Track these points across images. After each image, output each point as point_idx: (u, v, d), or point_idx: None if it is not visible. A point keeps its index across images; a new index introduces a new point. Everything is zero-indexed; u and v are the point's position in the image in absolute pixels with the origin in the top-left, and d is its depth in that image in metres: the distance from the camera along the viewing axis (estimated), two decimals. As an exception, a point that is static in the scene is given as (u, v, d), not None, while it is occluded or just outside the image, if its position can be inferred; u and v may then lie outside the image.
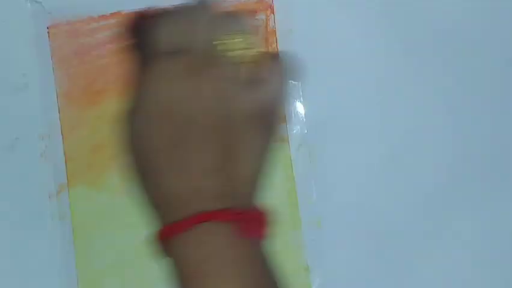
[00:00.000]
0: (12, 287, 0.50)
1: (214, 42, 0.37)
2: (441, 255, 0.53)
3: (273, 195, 0.51)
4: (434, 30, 0.54)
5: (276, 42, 0.52)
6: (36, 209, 0.50)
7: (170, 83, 0.36)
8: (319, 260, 0.52)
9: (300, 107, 0.52)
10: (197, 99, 0.36)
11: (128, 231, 0.51)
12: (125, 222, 0.51)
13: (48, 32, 0.51)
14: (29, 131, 0.51)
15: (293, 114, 0.52)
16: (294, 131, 0.52)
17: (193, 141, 0.35)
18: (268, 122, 0.38)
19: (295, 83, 0.40)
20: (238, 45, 0.38)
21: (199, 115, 0.36)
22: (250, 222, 0.36)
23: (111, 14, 0.51)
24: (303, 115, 0.52)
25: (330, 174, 0.53)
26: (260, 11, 0.52)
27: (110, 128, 0.51)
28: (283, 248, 0.51)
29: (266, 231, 0.37)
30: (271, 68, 0.39)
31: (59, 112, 0.51)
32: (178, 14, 0.38)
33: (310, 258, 0.52)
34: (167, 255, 0.36)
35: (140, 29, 0.40)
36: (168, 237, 0.36)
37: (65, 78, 0.51)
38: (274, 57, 0.40)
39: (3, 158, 0.50)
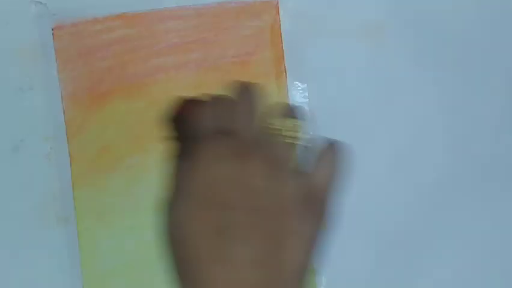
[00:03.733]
0: (17, 288, 0.50)
1: (263, 125, 0.36)
2: (447, 257, 0.53)
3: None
4: (436, 32, 0.54)
5: (282, 44, 0.52)
6: (40, 211, 0.50)
7: (217, 164, 0.34)
8: (325, 261, 0.52)
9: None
10: (244, 182, 0.34)
11: (133, 232, 0.51)
12: (130, 223, 0.51)
13: (52, 34, 0.51)
14: (34, 132, 0.51)
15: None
16: (300, 133, 0.52)
17: (238, 228, 0.33)
18: (317, 209, 0.36)
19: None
20: (288, 128, 0.37)
21: (245, 199, 0.34)
22: None
23: (116, 15, 0.51)
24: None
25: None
26: (265, 12, 0.52)
27: (115, 130, 0.51)
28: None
29: None
30: (324, 155, 0.38)
31: (64, 114, 0.51)
32: (223, 99, 0.37)
33: (316, 260, 0.52)
34: None
35: (182, 118, 0.38)
36: None
37: (70, 79, 0.51)
38: (328, 144, 0.39)
39: (8, 160, 0.50)
